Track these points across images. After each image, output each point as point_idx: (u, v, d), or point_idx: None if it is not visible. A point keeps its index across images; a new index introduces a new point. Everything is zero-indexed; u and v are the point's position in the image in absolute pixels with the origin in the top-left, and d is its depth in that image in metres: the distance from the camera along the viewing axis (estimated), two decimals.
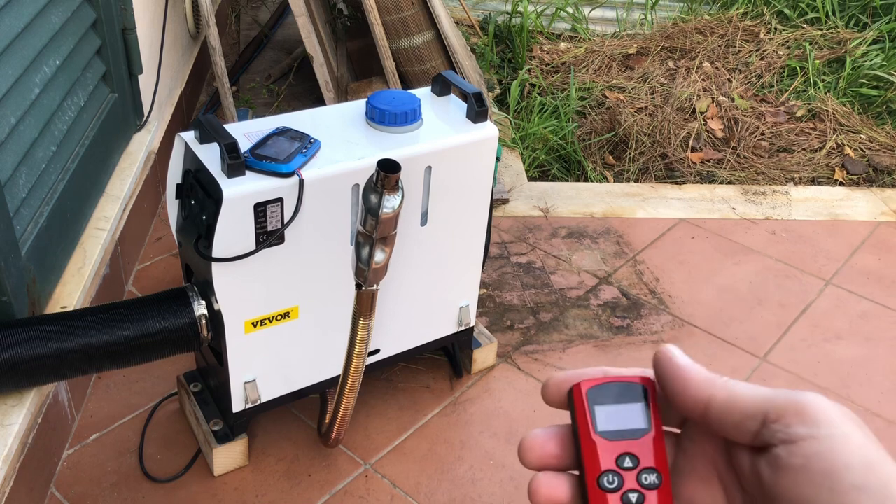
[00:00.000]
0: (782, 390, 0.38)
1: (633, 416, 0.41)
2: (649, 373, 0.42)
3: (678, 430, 0.44)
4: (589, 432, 0.41)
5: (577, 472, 0.42)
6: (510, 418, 1.84)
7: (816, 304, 2.27)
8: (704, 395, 0.40)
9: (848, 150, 3.05)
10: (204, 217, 1.37)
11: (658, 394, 0.42)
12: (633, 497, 0.40)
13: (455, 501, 1.65)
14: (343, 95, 2.87)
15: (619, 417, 0.41)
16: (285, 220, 1.39)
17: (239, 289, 1.44)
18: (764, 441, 0.38)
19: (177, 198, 1.48)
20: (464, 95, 1.61)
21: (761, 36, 3.66)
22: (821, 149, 3.07)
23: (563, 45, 3.75)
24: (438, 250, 1.66)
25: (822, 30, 3.70)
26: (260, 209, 1.36)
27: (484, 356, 1.95)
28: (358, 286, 1.34)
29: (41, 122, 1.66)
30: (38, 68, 1.66)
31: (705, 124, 3.12)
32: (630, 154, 2.99)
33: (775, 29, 3.73)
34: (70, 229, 1.77)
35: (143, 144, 2.21)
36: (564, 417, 0.43)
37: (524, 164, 2.88)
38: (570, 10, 3.95)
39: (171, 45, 2.68)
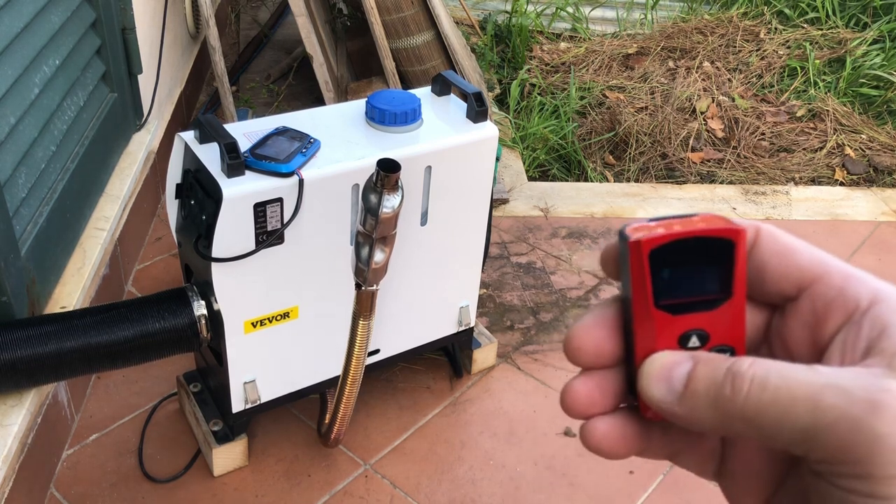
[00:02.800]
0: (844, 384, 0.27)
1: (710, 280, 0.32)
2: (734, 220, 0.32)
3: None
4: (646, 305, 0.32)
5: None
6: (510, 418, 1.84)
7: None
8: (813, 273, 0.32)
9: (848, 150, 3.05)
10: (204, 217, 1.37)
11: (748, 251, 0.33)
12: None
13: (455, 501, 1.65)
14: (343, 95, 2.87)
15: (691, 283, 0.32)
16: (285, 220, 1.39)
17: (239, 289, 1.43)
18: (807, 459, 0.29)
19: (176, 198, 1.48)
20: (464, 95, 1.61)
21: (761, 36, 3.66)
22: (821, 149, 3.07)
23: (563, 45, 3.75)
24: (438, 250, 1.66)
25: (822, 30, 3.70)
26: (260, 209, 1.36)
27: (484, 356, 1.95)
28: (358, 286, 1.34)
29: (41, 122, 1.65)
30: (38, 68, 1.66)
31: (705, 124, 3.12)
32: (630, 154, 2.99)
33: (775, 29, 3.73)
34: (70, 229, 1.77)
35: (142, 144, 2.21)
36: (568, 419, 0.37)
37: (524, 164, 2.88)
38: (570, 9, 3.95)
39: (171, 44, 2.68)
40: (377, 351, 1.71)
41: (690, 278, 0.32)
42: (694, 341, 0.32)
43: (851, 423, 0.26)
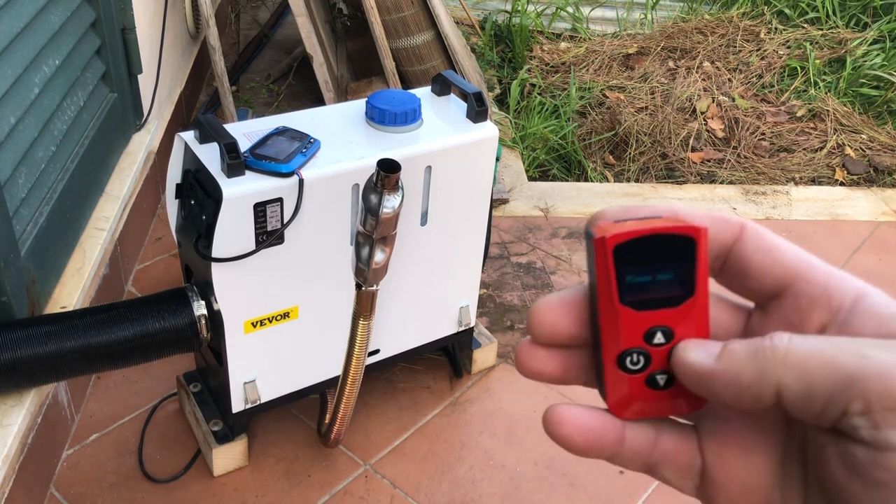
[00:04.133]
0: (886, 345, 0.28)
1: (671, 277, 0.32)
2: (694, 217, 0.33)
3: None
4: (611, 301, 0.32)
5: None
6: (510, 418, 1.84)
7: None
8: (796, 271, 0.32)
9: (848, 150, 3.05)
10: (204, 217, 1.37)
11: (728, 255, 0.33)
12: (662, 379, 0.33)
13: (455, 501, 1.65)
14: (343, 95, 2.87)
15: (654, 280, 0.32)
16: (285, 220, 1.39)
17: (238, 289, 1.43)
18: (838, 426, 0.28)
19: (176, 198, 1.48)
20: (464, 95, 1.61)
21: (762, 36, 3.66)
22: (821, 149, 3.07)
23: (563, 45, 3.75)
24: (438, 250, 1.66)
25: (822, 29, 3.70)
26: (260, 209, 1.36)
27: (484, 356, 1.95)
28: (358, 286, 1.34)
29: (41, 122, 1.65)
30: (38, 68, 1.66)
31: (706, 124, 3.12)
32: (630, 154, 2.99)
33: (776, 29, 3.73)
34: (69, 229, 1.77)
35: (142, 144, 2.21)
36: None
37: (524, 163, 2.88)
38: (570, 9, 3.95)
39: (171, 44, 2.68)
40: (377, 351, 1.71)
41: (654, 275, 0.32)
42: (659, 337, 0.32)
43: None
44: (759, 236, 0.33)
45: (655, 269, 0.32)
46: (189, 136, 1.43)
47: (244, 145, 1.39)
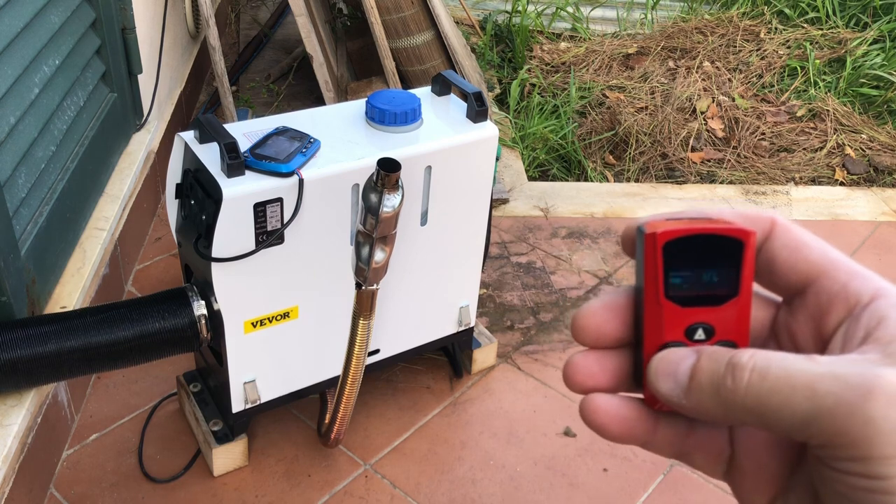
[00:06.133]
0: (840, 371, 0.28)
1: (718, 276, 0.33)
2: (752, 220, 0.34)
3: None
4: (657, 295, 0.33)
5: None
6: (510, 418, 1.84)
7: None
8: (820, 268, 0.33)
9: (848, 150, 3.05)
10: (203, 217, 1.37)
11: (757, 251, 0.34)
12: None
13: (455, 501, 1.65)
14: (343, 95, 2.87)
15: (700, 278, 0.33)
16: (285, 220, 1.39)
17: (238, 289, 1.43)
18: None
19: (176, 198, 1.48)
20: (464, 95, 1.61)
21: (762, 35, 3.66)
22: (821, 149, 3.07)
23: (563, 45, 3.75)
24: (438, 250, 1.66)
25: (822, 29, 3.70)
26: (259, 209, 1.36)
27: (484, 356, 1.95)
28: (358, 286, 1.34)
29: (40, 122, 1.65)
30: (38, 68, 1.66)
31: (706, 124, 3.11)
32: (630, 154, 2.99)
33: (776, 28, 3.73)
34: (69, 229, 1.77)
35: (142, 144, 2.21)
36: (568, 419, 0.37)
37: (524, 163, 2.88)
38: (570, 9, 3.95)
39: (171, 44, 2.68)
40: (377, 351, 1.71)
41: (700, 274, 0.33)
42: (700, 334, 0.33)
43: (847, 408, 0.27)
44: (788, 233, 0.34)
45: (702, 268, 0.33)
46: (189, 135, 1.43)
47: (244, 145, 1.39)
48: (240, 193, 1.33)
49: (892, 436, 0.27)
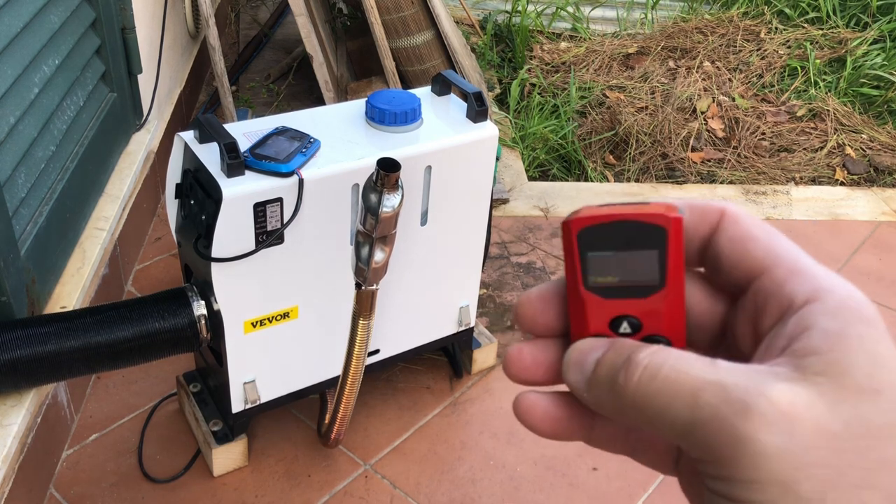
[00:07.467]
0: (728, 382, 0.27)
1: (641, 267, 0.31)
2: (699, 210, 0.32)
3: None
4: (577, 286, 0.32)
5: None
6: (510, 418, 1.84)
7: None
8: (762, 264, 0.30)
9: (849, 150, 3.05)
10: (203, 217, 1.37)
11: (705, 244, 0.32)
12: None
13: (455, 502, 1.65)
14: (343, 95, 2.87)
15: (621, 268, 0.31)
16: (285, 220, 1.39)
17: (238, 289, 1.43)
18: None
19: (176, 198, 1.48)
20: (464, 95, 1.61)
21: (762, 35, 3.66)
22: (821, 148, 3.07)
23: (563, 45, 3.75)
24: (438, 250, 1.66)
25: (822, 29, 3.70)
26: (259, 209, 1.36)
27: (484, 356, 1.95)
28: (358, 285, 1.34)
29: (40, 122, 1.65)
30: (38, 68, 1.66)
31: (706, 124, 3.11)
32: (630, 154, 2.99)
33: (776, 28, 3.73)
34: (69, 229, 1.77)
35: (142, 144, 2.21)
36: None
37: (524, 163, 2.88)
38: (570, 9, 3.95)
39: (171, 44, 2.67)
40: (377, 351, 1.71)
41: (623, 263, 0.31)
42: (625, 327, 0.31)
43: (721, 422, 0.26)
44: (735, 224, 0.31)
45: (622, 258, 0.31)
46: (189, 135, 1.43)
47: (244, 145, 1.39)
48: (240, 193, 1.33)
49: (757, 459, 0.25)
